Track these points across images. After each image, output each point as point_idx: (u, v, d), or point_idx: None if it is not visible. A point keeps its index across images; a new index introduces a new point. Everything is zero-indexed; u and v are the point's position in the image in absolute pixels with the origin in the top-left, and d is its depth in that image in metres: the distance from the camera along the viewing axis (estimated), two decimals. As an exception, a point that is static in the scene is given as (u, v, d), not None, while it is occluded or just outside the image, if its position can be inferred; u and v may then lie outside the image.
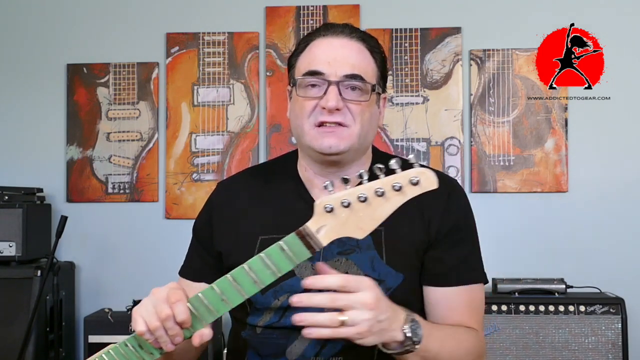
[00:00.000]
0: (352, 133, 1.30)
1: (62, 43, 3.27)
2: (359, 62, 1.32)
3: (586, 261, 3.06)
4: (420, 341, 1.13)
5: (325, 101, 1.28)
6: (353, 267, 1.28)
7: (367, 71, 1.33)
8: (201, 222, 1.46)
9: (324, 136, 1.30)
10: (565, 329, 2.72)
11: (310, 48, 1.35)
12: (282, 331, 1.29)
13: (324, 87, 1.30)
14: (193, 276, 1.44)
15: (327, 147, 1.29)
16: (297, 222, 1.34)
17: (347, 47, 1.33)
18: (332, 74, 1.30)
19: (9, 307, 2.83)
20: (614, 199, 3.11)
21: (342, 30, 1.35)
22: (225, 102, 3.22)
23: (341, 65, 1.30)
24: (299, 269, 1.29)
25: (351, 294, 1.07)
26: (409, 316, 1.13)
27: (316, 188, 1.38)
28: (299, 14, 3.21)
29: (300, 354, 1.28)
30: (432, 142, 3.15)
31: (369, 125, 1.34)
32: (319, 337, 1.07)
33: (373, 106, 1.35)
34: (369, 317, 1.07)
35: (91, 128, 3.25)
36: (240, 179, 1.50)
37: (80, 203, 3.22)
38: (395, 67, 3.17)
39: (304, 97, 1.32)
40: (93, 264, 3.23)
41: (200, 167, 3.21)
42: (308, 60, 1.34)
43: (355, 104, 1.30)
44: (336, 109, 1.29)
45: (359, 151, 1.35)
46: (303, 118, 1.32)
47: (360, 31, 1.37)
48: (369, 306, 1.07)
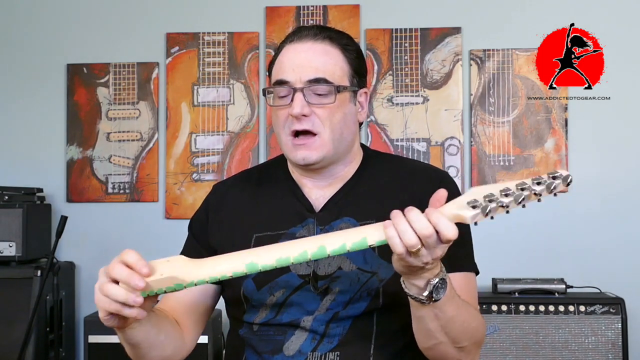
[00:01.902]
0: (323, 140, 1.32)
1: (62, 43, 3.27)
2: (323, 64, 1.32)
3: (586, 261, 3.06)
4: (438, 299, 1.13)
5: (292, 109, 1.30)
6: (346, 261, 1.30)
7: (333, 72, 1.33)
8: (198, 219, 1.47)
9: (297, 149, 1.32)
10: (565, 329, 2.72)
11: (280, 56, 1.36)
12: (279, 328, 1.30)
13: (290, 95, 1.31)
14: None
15: (300, 159, 1.32)
16: (290, 219, 1.34)
17: (310, 51, 1.33)
18: (296, 80, 1.31)
19: (9, 307, 2.84)
20: (614, 199, 3.11)
21: (307, 33, 1.35)
22: (225, 102, 3.22)
23: (304, 70, 1.31)
24: (294, 265, 1.30)
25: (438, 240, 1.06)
26: (442, 274, 1.13)
27: (306, 187, 1.40)
28: (299, 14, 3.21)
29: (297, 349, 1.28)
30: (432, 142, 3.15)
31: (343, 125, 1.34)
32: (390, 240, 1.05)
33: (346, 106, 1.35)
34: (427, 261, 1.07)
35: (91, 128, 3.25)
36: (235, 181, 1.52)
37: (80, 203, 3.22)
38: (395, 67, 3.17)
39: (276, 107, 1.34)
40: (93, 264, 3.23)
41: (200, 167, 3.21)
42: (277, 69, 1.35)
43: (321, 107, 1.31)
44: (303, 115, 1.29)
45: (338, 153, 1.36)
46: (279, 128, 1.34)
47: (327, 30, 1.37)
48: (436, 256, 1.07)
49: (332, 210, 1.35)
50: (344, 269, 1.29)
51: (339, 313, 1.28)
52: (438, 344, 1.21)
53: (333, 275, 1.29)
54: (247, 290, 1.33)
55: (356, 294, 1.28)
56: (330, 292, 1.29)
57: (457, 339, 1.20)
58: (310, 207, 1.37)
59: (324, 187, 1.39)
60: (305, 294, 1.28)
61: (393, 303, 1.28)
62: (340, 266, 1.29)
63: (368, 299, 1.28)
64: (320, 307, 1.28)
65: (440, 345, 1.21)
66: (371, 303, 1.28)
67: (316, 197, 1.38)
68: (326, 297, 1.29)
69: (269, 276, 1.30)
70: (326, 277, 1.29)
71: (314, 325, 1.28)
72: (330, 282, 1.28)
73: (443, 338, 1.19)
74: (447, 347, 1.21)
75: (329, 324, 1.28)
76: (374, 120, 3.17)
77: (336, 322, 1.28)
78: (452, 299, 1.16)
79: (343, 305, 1.28)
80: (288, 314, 1.30)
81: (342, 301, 1.28)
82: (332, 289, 1.29)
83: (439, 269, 1.13)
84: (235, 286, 1.35)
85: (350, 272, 1.29)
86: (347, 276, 1.29)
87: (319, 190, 1.39)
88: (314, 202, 1.37)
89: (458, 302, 1.19)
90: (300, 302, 1.29)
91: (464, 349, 1.23)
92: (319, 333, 1.28)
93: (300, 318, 1.29)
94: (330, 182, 1.39)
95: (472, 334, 1.24)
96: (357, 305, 1.28)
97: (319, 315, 1.28)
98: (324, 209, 1.36)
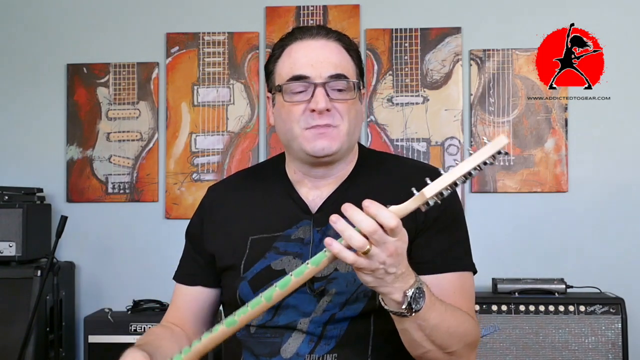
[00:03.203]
0: (341, 132, 1.32)
1: (62, 43, 3.27)
2: (340, 61, 1.33)
3: (586, 261, 3.06)
4: (419, 310, 1.12)
5: (315, 103, 1.29)
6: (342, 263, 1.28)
7: (348, 69, 1.34)
8: (193, 226, 1.47)
9: (317, 138, 1.30)
10: (565, 329, 2.72)
11: (288, 53, 1.35)
12: (276, 330, 1.30)
13: (310, 90, 1.31)
14: (188, 281, 1.46)
15: (320, 149, 1.31)
16: (286, 221, 1.34)
17: (326, 48, 1.33)
18: (316, 76, 1.31)
19: (9, 307, 2.83)
20: (614, 198, 3.10)
21: (318, 32, 1.35)
22: (225, 102, 3.22)
23: (324, 66, 1.31)
24: (290, 267, 1.30)
25: (384, 234, 1.06)
26: (417, 283, 1.13)
27: (304, 187, 1.39)
28: (299, 14, 3.21)
29: (295, 352, 1.28)
30: (432, 142, 3.15)
31: (356, 122, 1.36)
32: (337, 255, 1.06)
33: (357, 103, 1.36)
34: (383, 260, 1.07)
35: (91, 128, 3.25)
36: (230, 183, 1.52)
37: (80, 203, 3.22)
38: (395, 67, 3.17)
39: (290, 103, 1.32)
40: (93, 264, 3.23)
41: (200, 167, 3.21)
42: (289, 65, 1.34)
43: (342, 102, 1.32)
44: (326, 109, 1.29)
45: (348, 149, 1.37)
46: (292, 122, 1.32)
47: (334, 31, 1.38)
48: (390, 252, 1.07)
49: (329, 211, 1.34)
50: (340, 270, 1.29)
51: (335, 315, 1.28)
52: (426, 352, 1.21)
53: (329, 277, 1.29)
54: (243, 293, 1.33)
55: (352, 295, 1.28)
56: (327, 294, 1.28)
57: (445, 345, 1.20)
58: (306, 209, 1.36)
59: (322, 186, 1.38)
60: (301, 296, 1.28)
61: None
62: (336, 267, 1.29)
63: (365, 300, 1.28)
64: (316, 309, 1.28)
65: (429, 354, 1.21)
66: (368, 304, 1.28)
67: (312, 198, 1.38)
68: (322, 298, 1.28)
69: (264, 279, 1.30)
70: (322, 278, 1.29)
71: (311, 328, 1.28)
72: (327, 283, 1.28)
73: (430, 346, 1.19)
74: (437, 353, 1.21)
75: (326, 325, 1.28)
76: (374, 120, 3.17)
77: (333, 324, 1.28)
78: (433, 306, 1.16)
79: (340, 307, 1.28)
80: (284, 316, 1.29)
81: (338, 302, 1.28)
82: (328, 291, 1.28)
83: (414, 278, 1.13)
84: (231, 289, 1.36)
85: (346, 273, 1.28)
86: (344, 277, 1.28)
87: (316, 191, 1.38)
88: (310, 204, 1.37)
89: (440, 309, 1.18)
90: (297, 304, 1.28)
91: (455, 353, 1.22)
92: (316, 335, 1.28)
93: (296, 320, 1.29)
94: (330, 180, 1.38)
95: (461, 338, 1.23)
96: (354, 307, 1.28)
97: (315, 317, 1.28)
98: (320, 210, 1.36)
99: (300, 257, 1.32)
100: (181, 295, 1.46)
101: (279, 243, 1.34)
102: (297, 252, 1.33)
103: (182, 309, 1.45)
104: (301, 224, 1.35)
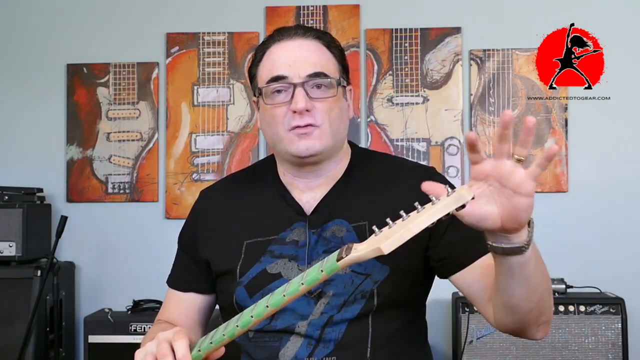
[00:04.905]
0: (324, 131, 1.31)
1: (62, 43, 3.27)
2: (319, 59, 1.33)
3: (586, 261, 3.06)
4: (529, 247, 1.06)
5: (295, 104, 1.29)
6: None
7: (329, 67, 1.33)
8: (186, 233, 1.47)
9: (300, 139, 1.30)
10: (565, 329, 2.72)
11: (268, 55, 1.35)
12: (274, 334, 1.29)
13: (290, 90, 1.30)
14: (181, 287, 1.46)
15: (303, 149, 1.30)
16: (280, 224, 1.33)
17: (304, 47, 1.33)
18: (295, 76, 1.30)
19: (9, 307, 2.83)
20: (614, 198, 3.10)
21: (296, 32, 1.35)
22: (225, 102, 3.22)
23: (302, 65, 1.31)
24: (285, 270, 1.30)
25: None
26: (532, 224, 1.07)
27: (297, 189, 1.38)
28: (299, 14, 3.21)
29: (293, 355, 1.27)
30: (432, 142, 3.15)
31: (339, 120, 1.34)
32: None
33: (341, 100, 1.35)
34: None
35: (91, 128, 3.25)
36: (222, 186, 1.52)
37: (80, 203, 3.22)
38: (395, 67, 3.17)
39: (272, 105, 1.32)
40: (93, 264, 3.23)
41: (200, 167, 3.21)
42: (268, 67, 1.34)
43: (323, 101, 1.31)
44: (306, 110, 1.29)
45: (335, 148, 1.35)
46: (276, 125, 1.32)
47: (313, 29, 1.37)
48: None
49: (324, 213, 1.34)
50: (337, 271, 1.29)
51: (333, 317, 1.27)
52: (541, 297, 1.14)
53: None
54: (240, 298, 1.32)
55: (350, 296, 1.27)
56: (324, 296, 1.28)
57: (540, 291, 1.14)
58: (300, 211, 1.36)
59: (315, 187, 1.37)
60: (298, 299, 1.27)
61: (388, 304, 1.28)
62: None
63: (362, 301, 1.27)
64: (314, 312, 1.28)
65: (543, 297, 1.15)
66: (366, 305, 1.27)
67: (307, 200, 1.37)
68: (320, 300, 1.28)
69: (260, 283, 1.30)
70: None
71: (309, 331, 1.27)
72: (324, 285, 1.27)
73: (546, 285, 1.14)
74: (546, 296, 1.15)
75: (324, 328, 1.27)
76: (374, 120, 3.17)
77: (331, 327, 1.27)
78: (535, 247, 1.10)
79: (337, 309, 1.27)
80: (282, 319, 1.29)
81: (336, 304, 1.27)
82: (326, 293, 1.28)
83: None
84: (227, 294, 1.35)
85: (344, 274, 1.28)
86: (341, 279, 1.28)
87: (310, 192, 1.37)
88: (304, 205, 1.36)
89: (537, 251, 1.12)
90: (294, 307, 1.27)
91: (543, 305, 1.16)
92: (315, 338, 1.27)
93: (294, 323, 1.28)
94: (322, 181, 1.37)
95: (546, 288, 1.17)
96: (352, 308, 1.27)
97: (313, 320, 1.27)
98: (315, 211, 1.35)
99: (295, 259, 1.31)
100: (175, 300, 1.46)
101: (274, 246, 1.34)
102: (291, 255, 1.32)
103: (175, 312, 1.44)
104: (295, 226, 1.34)
